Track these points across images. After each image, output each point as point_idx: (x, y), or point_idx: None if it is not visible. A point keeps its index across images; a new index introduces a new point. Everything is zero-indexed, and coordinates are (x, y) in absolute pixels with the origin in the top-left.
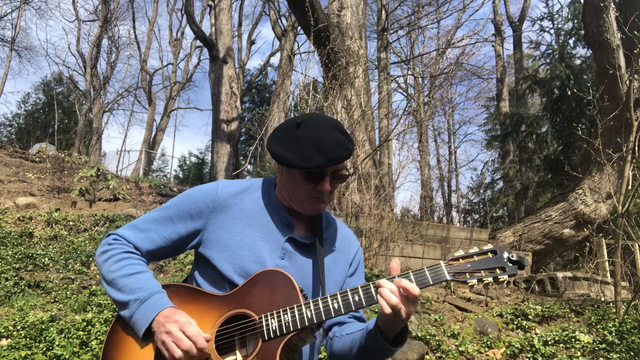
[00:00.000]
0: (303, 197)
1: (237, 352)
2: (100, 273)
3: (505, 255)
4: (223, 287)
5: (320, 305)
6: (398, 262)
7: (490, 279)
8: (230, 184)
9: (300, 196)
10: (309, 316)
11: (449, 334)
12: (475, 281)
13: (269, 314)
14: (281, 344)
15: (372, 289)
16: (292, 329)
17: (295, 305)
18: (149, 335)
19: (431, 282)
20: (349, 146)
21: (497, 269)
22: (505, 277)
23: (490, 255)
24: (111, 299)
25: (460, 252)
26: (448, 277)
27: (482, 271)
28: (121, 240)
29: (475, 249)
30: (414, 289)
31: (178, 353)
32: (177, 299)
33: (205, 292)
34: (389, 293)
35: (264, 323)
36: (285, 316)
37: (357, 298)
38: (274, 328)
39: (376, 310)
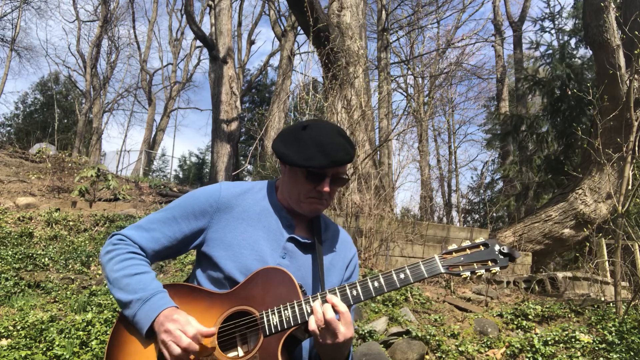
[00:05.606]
0: (302, 197)
1: (239, 348)
2: (103, 272)
3: (497, 247)
4: (224, 285)
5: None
6: None
7: (483, 271)
8: (233, 185)
9: (299, 196)
10: (309, 311)
11: (449, 334)
12: (468, 273)
13: (269, 310)
14: (282, 339)
15: (370, 284)
16: (292, 324)
17: (295, 301)
18: (151, 335)
19: (426, 275)
20: (351, 151)
21: (489, 261)
22: (497, 268)
23: (482, 248)
24: (114, 299)
25: (454, 246)
26: (442, 270)
27: (474, 263)
28: (126, 241)
29: (467, 243)
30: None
31: (177, 351)
32: (179, 298)
33: (206, 290)
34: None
35: (265, 319)
36: (286, 312)
37: (355, 292)
38: (274, 323)
39: (375, 310)
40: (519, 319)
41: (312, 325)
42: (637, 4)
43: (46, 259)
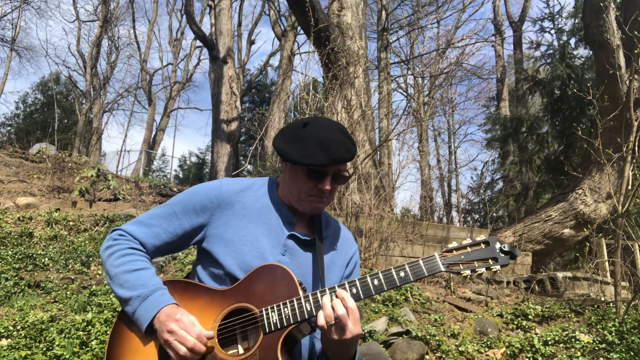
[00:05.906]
0: (303, 195)
1: (239, 345)
2: (103, 268)
3: (497, 246)
4: (225, 282)
5: (320, 298)
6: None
7: (483, 270)
8: (234, 181)
9: (300, 194)
10: (309, 309)
11: (449, 334)
12: (468, 272)
13: (269, 307)
14: (282, 337)
15: (370, 282)
16: (292, 322)
17: (295, 299)
18: (151, 332)
19: (426, 273)
20: (352, 149)
21: (490, 260)
22: (498, 267)
23: (483, 246)
24: (114, 295)
25: (454, 244)
26: (442, 268)
27: (475, 262)
28: (127, 236)
29: (468, 241)
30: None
31: (183, 350)
32: (179, 295)
33: (206, 286)
34: (328, 304)
35: (264, 316)
36: (286, 309)
37: (354, 290)
38: (274, 321)
39: (375, 310)
40: (519, 319)
41: (321, 321)
42: (637, 4)
43: (46, 259)
